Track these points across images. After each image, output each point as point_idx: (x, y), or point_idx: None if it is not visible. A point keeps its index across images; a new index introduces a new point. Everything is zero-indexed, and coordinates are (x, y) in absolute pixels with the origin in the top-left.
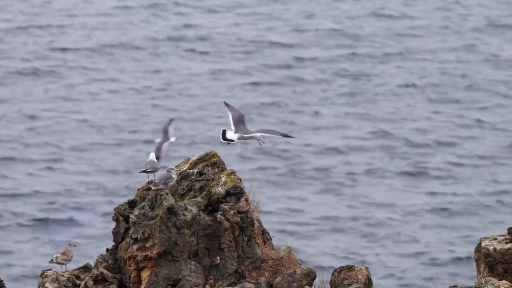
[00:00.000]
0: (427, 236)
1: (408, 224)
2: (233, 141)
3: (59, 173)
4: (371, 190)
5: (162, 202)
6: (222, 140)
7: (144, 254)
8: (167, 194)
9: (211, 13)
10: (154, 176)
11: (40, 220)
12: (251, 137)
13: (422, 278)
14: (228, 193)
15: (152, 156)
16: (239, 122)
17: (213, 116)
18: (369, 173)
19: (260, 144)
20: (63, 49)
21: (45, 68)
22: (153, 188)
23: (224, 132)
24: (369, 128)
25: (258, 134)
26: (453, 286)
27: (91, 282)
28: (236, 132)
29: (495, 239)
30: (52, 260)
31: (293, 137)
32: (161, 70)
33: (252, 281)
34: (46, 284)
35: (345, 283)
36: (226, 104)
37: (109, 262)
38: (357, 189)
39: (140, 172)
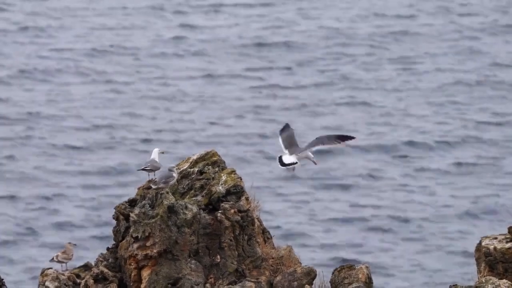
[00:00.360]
0: (426, 237)
1: (408, 224)
2: (296, 163)
3: (58, 174)
4: (370, 191)
5: (162, 201)
6: (281, 166)
7: (145, 253)
8: (167, 193)
9: (210, 14)
10: (154, 175)
11: (40, 220)
12: (306, 156)
13: (421, 278)
14: (228, 192)
15: (155, 153)
16: (290, 143)
17: (212, 116)
18: (368, 174)
19: (315, 164)
20: (62, 50)
21: (43, 69)
22: (153, 187)
23: (280, 158)
24: (369, 129)
25: (312, 150)
26: (453, 286)
27: (91, 281)
28: (291, 154)
29: (496, 238)
30: (53, 258)
31: (353, 137)
32: (159, 71)
33: (252, 280)
34: (47, 283)
35: (346, 282)
36: (281, 130)
37: (110, 260)
38: (356, 190)
39: (138, 170)
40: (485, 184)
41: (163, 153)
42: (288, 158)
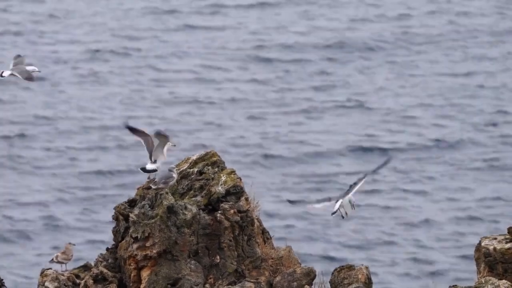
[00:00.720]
0: (425, 238)
1: (407, 225)
2: (341, 203)
3: (57, 175)
4: (369, 192)
5: (162, 201)
6: (332, 215)
7: (144, 253)
8: (167, 193)
9: (208, 15)
10: (154, 175)
11: (40, 221)
12: (349, 200)
13: (421, 279)
14: (228, 192)
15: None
16: (329, 198)
17: (211, 116)
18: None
19: (353, 209)
20: (60, 51)
21: (41, 70)
22: (153, 187)
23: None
24: (367, 132)
25: (354, 191)
26: (453, 286)
27: (91, 281)
28: (337, 200)
29: (495, 238)
30: (52, 259)
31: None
32: (158, 73)
33: (252, 280)
34: (46, 283)
35: (345, 282)
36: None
37: (109, 261)
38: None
39: (141, 168)
40: (483, 184)
41: (174, 146)
42: (335, 206)
